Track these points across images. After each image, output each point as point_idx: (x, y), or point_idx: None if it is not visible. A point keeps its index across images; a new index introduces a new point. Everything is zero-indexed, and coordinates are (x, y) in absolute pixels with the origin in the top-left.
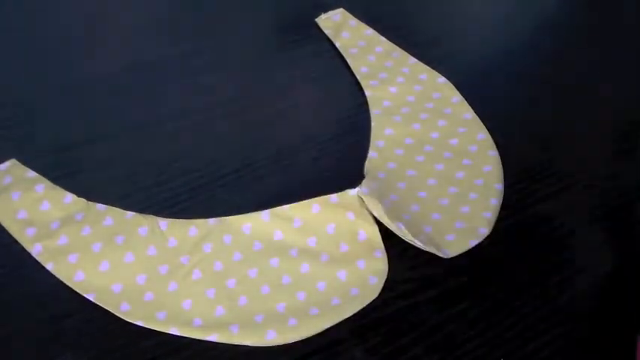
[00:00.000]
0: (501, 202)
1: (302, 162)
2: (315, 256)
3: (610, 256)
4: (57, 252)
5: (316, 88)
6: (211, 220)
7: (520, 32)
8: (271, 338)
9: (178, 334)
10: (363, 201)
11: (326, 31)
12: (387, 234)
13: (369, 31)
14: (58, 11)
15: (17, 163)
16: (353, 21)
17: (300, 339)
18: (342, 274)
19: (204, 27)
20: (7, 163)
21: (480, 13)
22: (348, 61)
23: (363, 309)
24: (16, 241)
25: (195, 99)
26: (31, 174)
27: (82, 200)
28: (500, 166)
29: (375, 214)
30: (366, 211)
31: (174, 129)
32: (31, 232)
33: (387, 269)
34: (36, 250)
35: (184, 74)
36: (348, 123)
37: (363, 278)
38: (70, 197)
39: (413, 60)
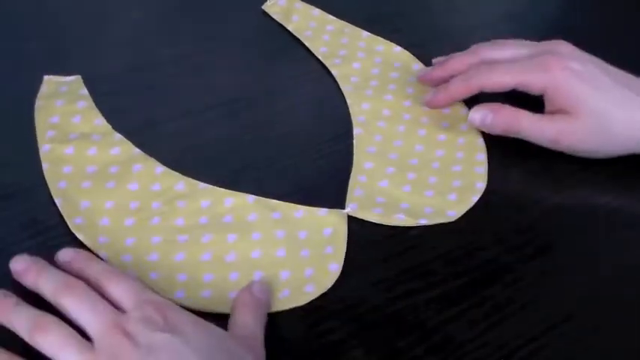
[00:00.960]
0: (486, 155)
1: (302, 162)
2: (273, 247)
3: (609, 257)
4: (58, 158)
5: (316, 88)
6: (202, 185)
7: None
8: (178, 297)
9: (106, 259)
10: (353, 218)
11: (275, 17)
12: (386, 235)
13: (316, 12)
14: (58, 11)
15: (80, 79)
16: (298, 3)
17: (204, 310)
18: (284, 274)
19: (204, 27)
20: (73, 77)
21: (479, 13)
22: (306, 44)
23: (363, 309)
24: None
25: (195, 99)
26: (84, 92)
27: (109, 127)
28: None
29: (372, 220)
30: (344, 232)
31: (175, 129)
32: (50, 133)
33: (330, 284)
34: (44, 149)
35: (184, 74)
36: (348, 123)
37: (301, 283)
38: (100, 120)
39: (366, 34)
